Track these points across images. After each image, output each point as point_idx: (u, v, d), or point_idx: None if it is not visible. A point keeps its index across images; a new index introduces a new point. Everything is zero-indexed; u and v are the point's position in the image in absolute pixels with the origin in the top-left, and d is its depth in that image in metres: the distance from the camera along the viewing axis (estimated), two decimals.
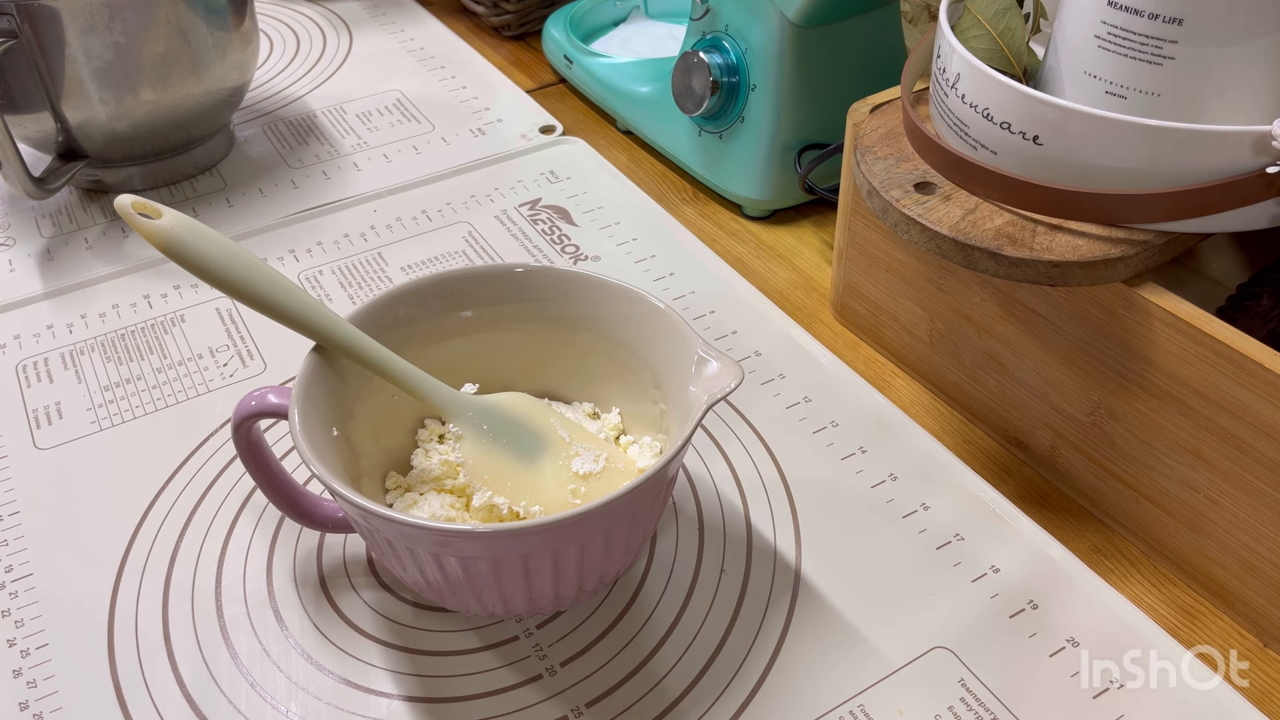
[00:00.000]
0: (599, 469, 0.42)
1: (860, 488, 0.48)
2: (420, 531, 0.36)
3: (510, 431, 0.42)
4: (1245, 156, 0.39)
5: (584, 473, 0.41)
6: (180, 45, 0.62)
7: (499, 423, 0.42)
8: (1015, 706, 0.40)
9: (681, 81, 0.64)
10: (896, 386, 0.54)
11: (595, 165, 0.71)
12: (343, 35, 0.88)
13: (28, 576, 0.45)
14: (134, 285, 0.61)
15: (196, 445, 0.51)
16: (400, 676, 0.41)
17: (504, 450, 0.42)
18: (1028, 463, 0.50)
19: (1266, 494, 0.39)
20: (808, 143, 0.63)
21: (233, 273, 0.39)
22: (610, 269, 0.61)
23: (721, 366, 0.40)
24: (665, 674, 0.41)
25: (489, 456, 0.42)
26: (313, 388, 0.40)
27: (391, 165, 0.71)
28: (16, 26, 0.58)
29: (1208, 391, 0.40)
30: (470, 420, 0.42)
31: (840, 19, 0.60)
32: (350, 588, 0.44)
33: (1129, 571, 0.45)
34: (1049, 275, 0.41)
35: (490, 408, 0.43)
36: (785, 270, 0.62)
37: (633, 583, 0.44)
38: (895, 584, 0.44)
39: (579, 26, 0.80)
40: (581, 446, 0.42)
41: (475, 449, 0.42)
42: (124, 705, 0.40)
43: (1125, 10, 0.40)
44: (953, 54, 0.44)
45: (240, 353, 0.56)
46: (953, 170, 0.44)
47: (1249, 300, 0.44)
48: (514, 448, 0.42)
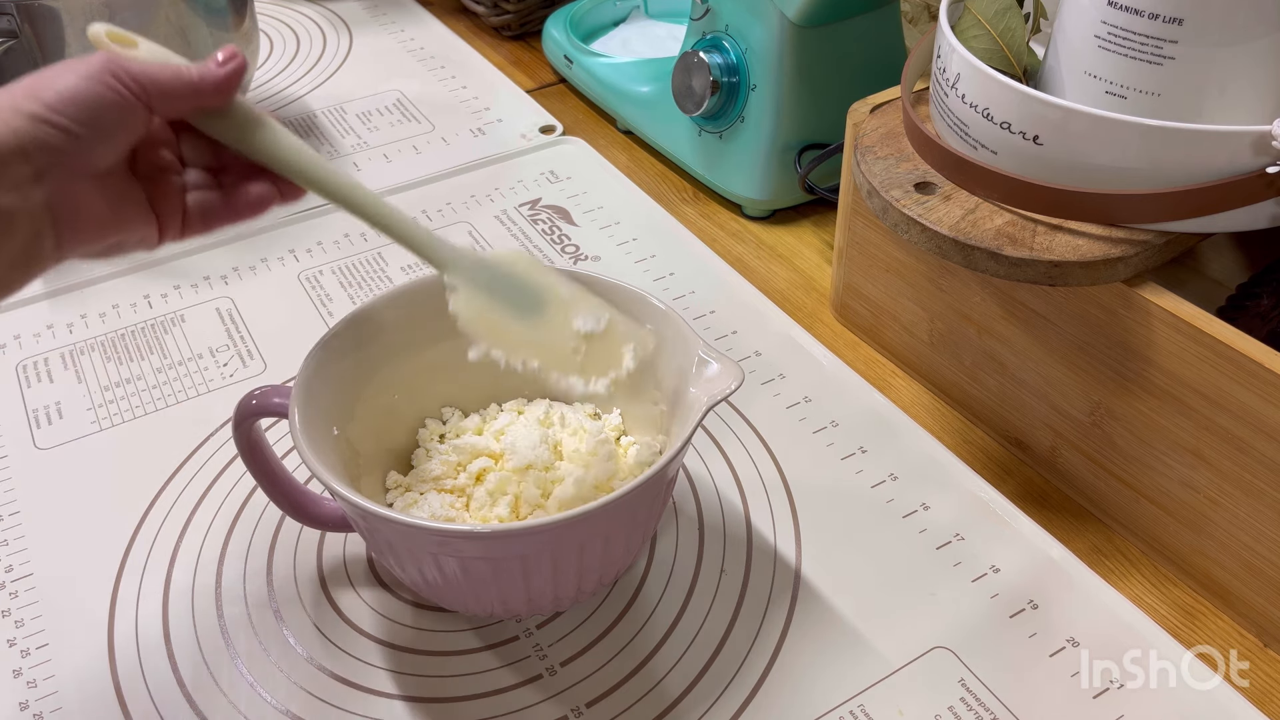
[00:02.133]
0: (600, 330, 0.40)
1: (860, 488, 0.48)
2: (420, 531, 0.36)
3: (508, 287, 0.40)
4: (1245, 156, 0.39)
5: (586, 331, 0.40)
6: (180, 45, 0.62)
7: (496, 277, 0.40)
8: (1015, 706, 0.40)
9: (681, 81, 0.64)
10: (896, 386, 0.54)
11: (595, 165, 0.71)
12: (343, 35, 0.88)
13: (28, 576, 0.45)
14: (134, 285, 0.61)
15: (196, 445, 0.51)
16: (400, 676, 0.41)
17: (502, 304, 0.40)
18: (1028, 463, 0.50)
19: (1266, 494, 0.39)
20: (808, 143, 0.63)
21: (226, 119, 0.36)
22: (610, 269, 0.61)
23: (722, 368, 0.40)
24: (665, 674, 0.41)
25: (486, 310, 0.39)
26: (313, 388, 0.40)
27: (391, 165, 0.71)
28: (16, 26, 0.58)
29: (1208, 391, 0.40)
30: (466, 272, 0.39)
31: (840, 19, 0.60)
32: (350, 587, 0.44)
33: (1129, 571, 0.45)
34: (1049, 275, 0.41)
35: (488, 262, 0.40)
36: (785, 270, 0.62)
37: (633, 583, 0.44)
38: (895, 584, 0.44)
39: (579, 26, 0.80)
40: (583, 305, 0.40)
41: (472, 302, 0.39)
42: (124, 705, 0.40)
43: (1125, 10, 0.40)
44: (953, 54, 0.44)
45: (240, 353, 0.56)
46: (953, 170, 0.44)
47: (1249, 300, 0.44)
48: (512, 302, 0.40)
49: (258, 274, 0.62)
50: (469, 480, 0.43)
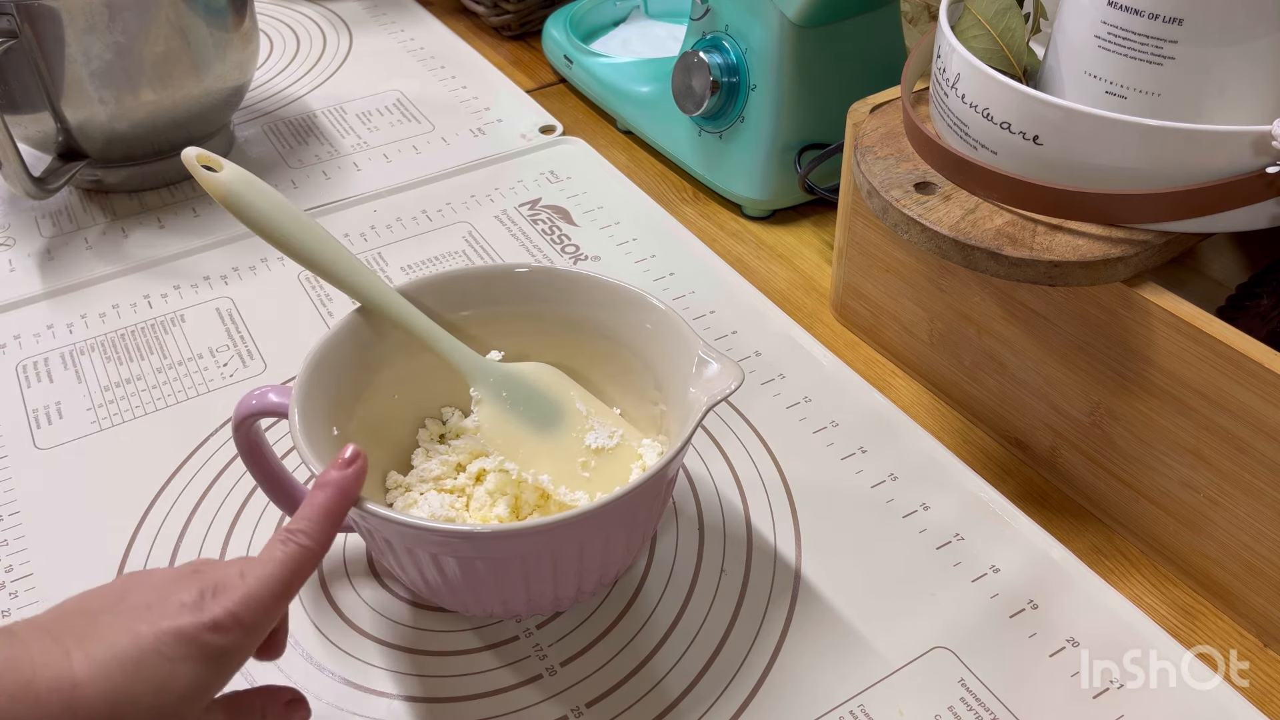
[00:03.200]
0: (612, 445, 0.42)
1: (860, 488, 0.48)
2: (419, 531, 0.36)
3: (528, 400, 0.43)
4: (1245, 156, 0.39)
5: (596, 447, 0.42)
6: (180, 45, 0.62)
7: (518, 391, 0.43)
8: (1015, 706, 0.40)
9: (681, 81, 0.64)
10: (896, 386, 0.54)
11: (595, 165, 0.71)
12: (343, 35, 0.88)
13: (28, 576, 0.45)
14: (134, 285, 0.61)
15: (196, 445, 0.51)
16: (400, 676, 0.41)
17: (520, 418, 0.42)
18: (1028, 463, 0.50)
19: (1266, 494, 0.39)
20: (808, 143, 0.63)
21: (283, 228, 0.41)
22: (610, 269, 0.61)
23: (722, 368, 0.40)
24: (665, 674, 0.41)
25: (505, 422, 0.42)
26: (313, 388, 0.40)
27: (391, 165, 0.71)
28: (16, 26, 0.58)
29: (1208, 391, 0.40)
30: (491, 386, 0.42)
31: (840, 19, 0.60)
32: (350, 587, 0.44)
33: (1129, 571, 0.45)
34: (1049, 275, 0.41)
35: (511, 376, 0.43)
36: (785, 270, 0.62)
37: (633, 583, 0.44)
38: (895, 584, 0.44)
39: (579, 26, 0.80)
40: (597, 421, 0.43)
41: (492, 414, 0.42)
42: None
43: (1125, 10, 0.40)
44: (953, 54, 0.44)
45: (240, 353, 0.56)
46: (953, 170, 0.44)
47: (1249, 300, 0.44)
48: (530, 416, 0.42)
49: (258, 274, 0.62)
50: (469, 480, 0.43)
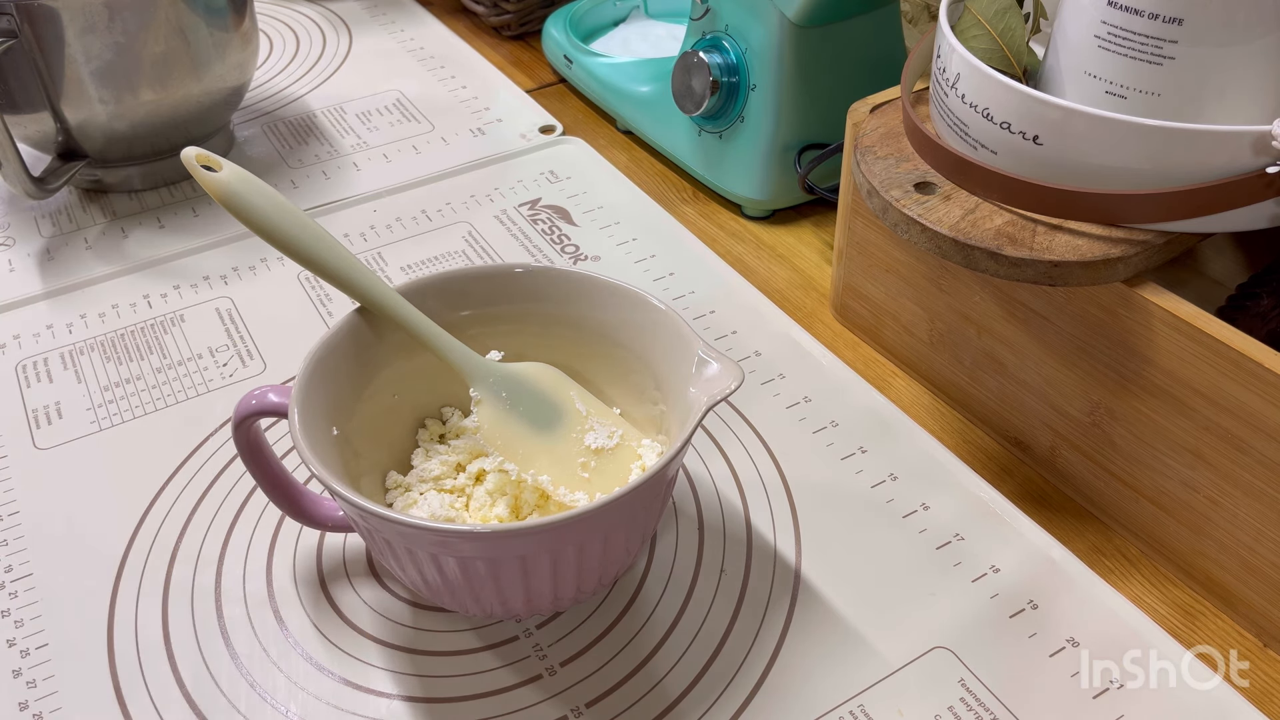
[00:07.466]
0: (612, 445, 0.42)
1: (860, 488, 0.48)
2: (419, 531, 0.36)
3: (528, 401, 0.43)
4: (1245, 156, 0.39)
5: (596, 447, 0.42)
6: (180, 45, 0.62)
7: (518, 391, 0.43)
8: (1015, 706, 0.40)
9: (681, 81, 0.64)
10: (896, 386, 0.54)
11: (595, 165, 0.71)
12: (343, 35, 0.88)
13: (28, 576, 0.45)
14: (134, 285, 0.61)
15: (196, 445, 0.51)
16: (400, 676, 0.41)
17: (520, 418, 0.42)
18: (1028, 463, 0.50)
19: (1266, 494, 0.39)
20: (808, 143, 0.63)
21: (282, 228, 0.41)
22: (610, 269, 0.61)
23: (722, 367, 0.40)
24: (665, 674, 0.41)
25: (504, 423, 0.42)
26: (313, 388, 0.40)
27: (391, 165, 0.71)
28: (16, 26, 0.58)
29: (1208, 391, 0.40)
30: (490, 386, 0.42)
31: (840, 19, 0.60)
32: (350, 587, 0.44)
33: (1129, 571, 0.45)
34: (1049, 275, 0.41)
35: (511, 376, 0.43)
36: (785, 270, 0.62)
37: (633, 583, 0.44)
38: (895, 584, 0.44)
39: (579, 26, 0.80)
40: (597, 422, 0.43)
41: (492, 415, 0.42)
42: (124, 705, 0.40)
43: (1125, 10, 0.40)
44: (953, 54, 0.44)
45: (240, 353, 0.56)
46: (953, 170, 0.44)
47: (1249, 300, 0.44)
48: (530, 417, 0.42)
49: (258, 274, 0.62)
50: (469, 480, 0.43)
